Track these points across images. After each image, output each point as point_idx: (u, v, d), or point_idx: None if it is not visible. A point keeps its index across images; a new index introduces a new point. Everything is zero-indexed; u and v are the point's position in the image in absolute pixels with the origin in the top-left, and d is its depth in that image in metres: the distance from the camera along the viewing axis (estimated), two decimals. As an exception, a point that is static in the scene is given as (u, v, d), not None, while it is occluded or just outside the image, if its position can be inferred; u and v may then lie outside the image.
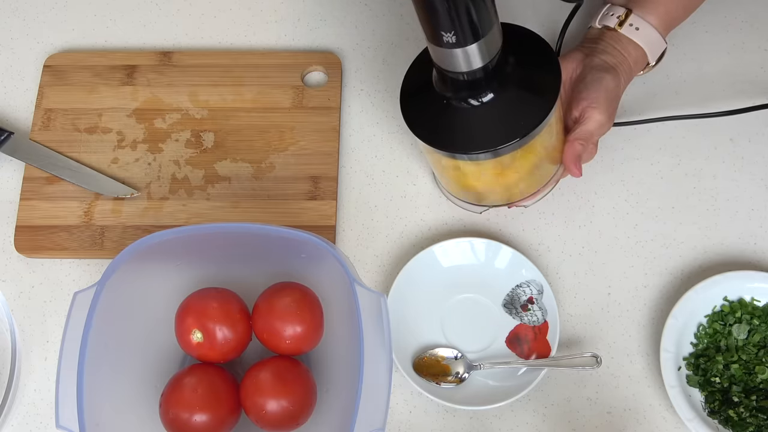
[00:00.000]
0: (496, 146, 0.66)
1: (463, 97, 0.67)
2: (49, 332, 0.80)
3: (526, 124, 0.66)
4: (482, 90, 0.66)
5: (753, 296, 0.78)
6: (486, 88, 0.66)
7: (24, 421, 0.77)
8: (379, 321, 0.64)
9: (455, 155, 0.69)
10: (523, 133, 0.66)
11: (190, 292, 0.73)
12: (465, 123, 0.68)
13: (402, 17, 0.93)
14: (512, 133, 0.66)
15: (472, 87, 0.66)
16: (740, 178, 0.85)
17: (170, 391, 0.70)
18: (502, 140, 0.66)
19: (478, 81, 0.65)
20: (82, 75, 0.89)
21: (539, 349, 0.77)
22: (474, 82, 0.65)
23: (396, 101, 0.89)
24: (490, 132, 0.67)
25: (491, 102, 0.66)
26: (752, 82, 0.89)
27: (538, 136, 0.68)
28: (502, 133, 0.66)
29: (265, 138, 0.86)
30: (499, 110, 0.66)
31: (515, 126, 0.66)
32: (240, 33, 0.93)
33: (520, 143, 0.66)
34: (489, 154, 0.68)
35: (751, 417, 0.73)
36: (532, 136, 0.67)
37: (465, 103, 0.67)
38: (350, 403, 0.62)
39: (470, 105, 0.67)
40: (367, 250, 0.83)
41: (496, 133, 0.66)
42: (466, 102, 0.67)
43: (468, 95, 0.66)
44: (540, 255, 0.82)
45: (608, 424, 0.76)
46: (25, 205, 0.84)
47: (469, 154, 0.68)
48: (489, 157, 0.68)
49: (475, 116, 0.67)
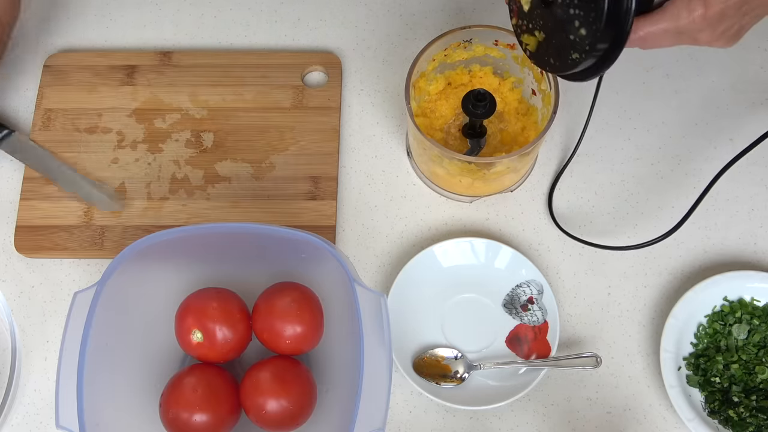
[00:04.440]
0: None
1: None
2: (49, 332, 0.80)
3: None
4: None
5: (753, 296, 0.78)
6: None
7: (24, 421, 0.77)
8: (379, 321, 0.64)
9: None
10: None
11: (190, 292, 0.73)
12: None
13: (402, 17, 0.93)
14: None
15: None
16: (740, 178, 0.85)
17: (170, 391, 0.70)
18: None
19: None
20: (82, 75, 0.89)
21: (539, 349, 0.77)
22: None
23: (396, 101, 0.89)
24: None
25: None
26: (752, 82, 0.89)
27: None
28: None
29: (265, 138, 0.86)
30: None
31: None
32: (240, 33, 0.93)
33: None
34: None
35: (751, 417, 0.73)
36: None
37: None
38: (350, 403, 0.62)
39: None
40: (367, 250, 0.83)
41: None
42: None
43: None
44: (540, 255, 0.82)
45: (608, 424, 0.76)
46: (25, 205, 0.84)
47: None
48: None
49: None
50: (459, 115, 0.83)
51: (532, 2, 0.65)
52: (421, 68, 0.79)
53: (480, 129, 0.80)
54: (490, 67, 0.83)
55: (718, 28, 0.61)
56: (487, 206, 0.84)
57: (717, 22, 0.60)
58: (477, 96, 0.76)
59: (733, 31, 0.62)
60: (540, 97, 0.80)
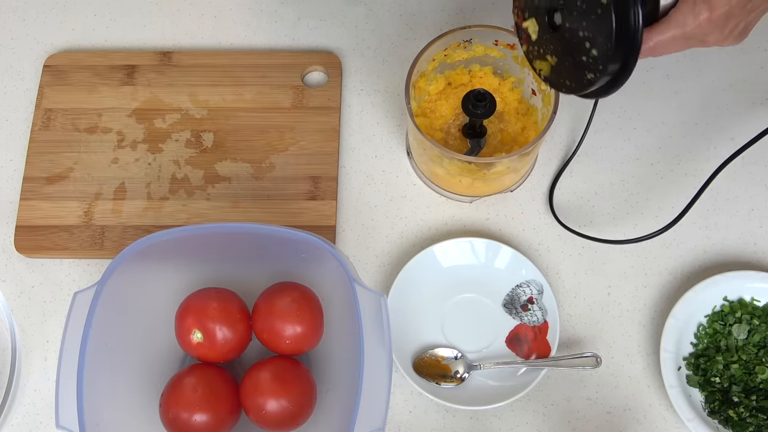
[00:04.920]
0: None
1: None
2: (49, 332, 0.80)
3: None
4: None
5: (753, 296, 0.78)
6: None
7: (24, 421, 0.77)
8: (379, 321, 0.64)
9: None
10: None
11: (190, 292, 0.73)
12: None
13: (402, 17, 0.93)
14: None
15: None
16: (740, 178, 0.85)
17: (170, 391, 0.70)
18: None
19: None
20: (82, 75, 0.89)
21: (539, 349, 0.77)
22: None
23: (396, 101, 0.89)
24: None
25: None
26: (752, 82, 0.89)
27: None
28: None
29: (265, 138, 0.86)
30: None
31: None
32: (240, 33, 0.93)
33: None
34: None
35: (751, 417, 0.73)
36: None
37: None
38: (350, 403, 0.62)
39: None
40: (367, 250, 0.83)
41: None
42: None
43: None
44: (540, 255, 0.82)
45: (608, 424, 0.76)
46: (25, 205, 0.84)
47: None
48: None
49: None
50: (459, 115, 0.83)
51: (540, 28, 0.65)
52: (421, 68, 0.79)
53: (480, 129, 0.80)
54: (490, 67, 0.83)
55: (725, 28, 0.61)
56: (487, 206, 0.84)
57: (723, 23, 0.60)
58: (477, 96, 0.76)
59: (740, 29, 0.62)
60: (540, 97, 0.80)
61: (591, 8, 0.58)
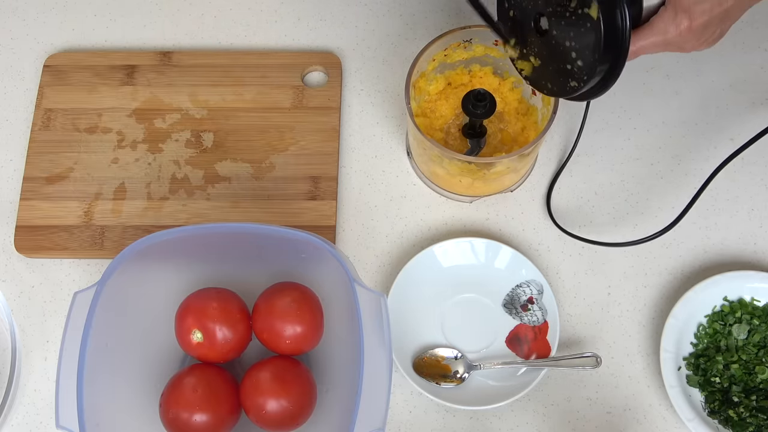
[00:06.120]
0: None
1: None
2: (49, 332, 0.80)
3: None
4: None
5: (753, 296, 0.78)
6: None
7: (24, 421, 0.77)
8: (379, 321, 0.64)
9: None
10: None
11: (190, 292, 0.73)
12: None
13: (402, 17, 0.94)
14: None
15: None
16: (740, 178, 0.85)
17: (170, 391, 0.70)
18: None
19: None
20: (82, 75, 0.89)
21: (539, 349, 0.77)
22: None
23: (396, 101, 0.89)
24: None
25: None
26: (752, 82, 0.89)
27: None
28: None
29: (265, 138, 0.86)
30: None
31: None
32: (240, 33, 0.93)
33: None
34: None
35: (751, 417, 0.73)
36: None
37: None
38: (350, 403, 0.62)
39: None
40: (367, 250, 0.83)
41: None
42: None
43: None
44: (540, 255, 0.82)
45: (608, 424, 0.76)
46: (25, 205, 0.84)
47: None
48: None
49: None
50: (459, 115, 0.83)
51: (520, 37, 0.67)
52: (421, 68, 0.79)
53: (480, 129, 0.80)
54: (490, 67, 0.83)
55: (701, 36, 0.64)
56: (487, 206, 0.84)
57: (701, 32, 0.63)
58: (477, 96, 0.76)
59: (715, 36, 0.65)
60: (540, 97, 0.80)
61: (580, 21, 0.59)
